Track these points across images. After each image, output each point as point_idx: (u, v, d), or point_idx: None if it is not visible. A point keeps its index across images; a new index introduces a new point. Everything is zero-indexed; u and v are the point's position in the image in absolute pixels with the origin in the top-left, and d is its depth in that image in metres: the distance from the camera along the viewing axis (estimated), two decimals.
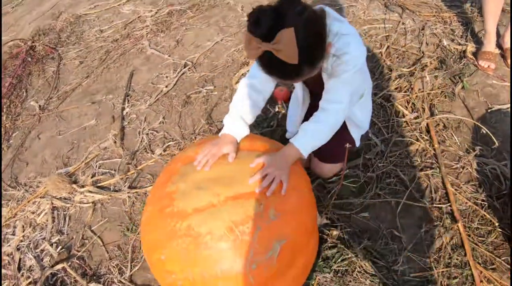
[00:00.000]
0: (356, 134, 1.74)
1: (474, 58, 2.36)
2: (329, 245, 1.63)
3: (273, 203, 1.23)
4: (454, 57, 2.38)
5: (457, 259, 1.54)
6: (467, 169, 1.82)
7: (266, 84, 1.51)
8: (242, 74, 2.51)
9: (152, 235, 1.30)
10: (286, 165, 1.33)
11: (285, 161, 1.34)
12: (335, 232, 1.66)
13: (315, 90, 1.63)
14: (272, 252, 1.18)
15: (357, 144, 1.76)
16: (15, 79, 3.08)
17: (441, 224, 1.64)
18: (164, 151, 2.19)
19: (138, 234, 1.85)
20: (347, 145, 1.55)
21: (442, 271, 1.52)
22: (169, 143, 2.24)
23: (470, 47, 2.43)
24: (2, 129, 2.76)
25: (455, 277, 1.49)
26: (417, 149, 1.95)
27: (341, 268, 1.57)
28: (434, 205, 1.71)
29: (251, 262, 1.16)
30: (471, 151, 1.87)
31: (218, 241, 1.17)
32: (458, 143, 1.94)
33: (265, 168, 1.28)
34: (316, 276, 1.57)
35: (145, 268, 1.74)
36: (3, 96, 2.95)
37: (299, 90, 1.67)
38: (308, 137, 1.39)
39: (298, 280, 1.37)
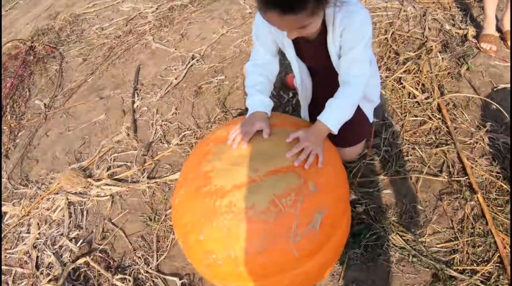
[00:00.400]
0: (368, 109, 1.71)
1: (475, 41, 2.40)
2: (357, 221, 1.66)
3: (312, 176, 1.22)
4: (456, 40, 2.42)
5: (479, 228, 1.58)
6: (480, 144, 1.85)
7: (267, 57, 1.54)
8: None
9: (188, 217, 1.26)
10: (320, 139, 1.34)
11: (319, 135, 1.35)
12: (360, 209, 1.69)
13: (316, 66, 1.59)
14: (314, 224, 1.17)
15: (371, 119, 1.74)
16: (16, 80, 3.00)
17: (461, 196, 1.68)
18: (181, 140, 2.16)
19: (161, 223, 1.82)
20: (372, 121, 1.62)
21: (467, 240, 1.56)
22: (185, 133, 2.21)
23: (471, 31, 2.48)
24: (7, 129, 2.69)
25: (479, 246, 1.53)
26: (430, 128, 1.98)
27: (370, 243, 1.59)
28: (453, 178, 1.74)
29: (295, 235, 1.14)
30: (482, 127, 1.91)
31: (261, 215, 1.14)
32: (469, 120, 1.97)
33: (301, 142, 1.28)
34: (346, 252, 1.58)
35: (172, 257, 1.71)
36: (5, 97, 2.87)
37: (296, 68, 1.59)
38: (333, 112, 1.39)
39: (336, 252, 1.37)
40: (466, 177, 1.73)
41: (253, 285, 1.25)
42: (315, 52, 1.47)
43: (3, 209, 2.19)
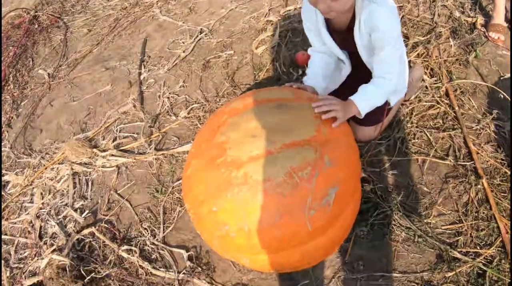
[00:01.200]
0: (394, 97, 1.69)
1: (484, 30, 2.35)
2: (364, 200, 1.63)
3: (327, 150, 1.20)
4: (465, 28, 2.36)
5: (483, 213, 1.56)
6: (486, 130, 1.82)
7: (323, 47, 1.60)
8: (262, 39, 2.41)
9: (200, 187, 1.22)
10: (348, 112, 1.38)
11: (348, 109, 1.39)
12: (368, 188, 1.66)
13: (346, 48, 1.58)
14: (328, 198, 1.15)
15: (392, 103, 1.71)
16: (19, 49, 2.88)
17: (466, 180, 1.66)
18: (188, 113, 2.09)
19: (168, 195, 1.77)
20: (389, 106, 1.65)
21: (471, 224, 1.55)
22: (193, 105, 2.14)
23: (480, 20, 2.41)
24: (10, 98, 2.59)
25: (482, 229, 1.52)
26: (438, 112, 1.93)
27: (377, 222, 1.58)
28: (459, 163, 1.72)
29: (309, 208, 1.12)
30: (488, 114, 1.87)
31: (277, 187, 1.10)
32: (476, 107, 1.93)
33: (330, 99, 1.34)
34: (353, 229, 1.57)
35: (178, 229, 1.68)
36: (8, 66, 2.75)
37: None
38: (367, 96, 1.45)
39: (347, 228, 1.35)
40: (472, 162, 1.71)
41: (265, 259, 1.22)
42: (343, 43, 1.52)
43: (6, 178, 2.12)
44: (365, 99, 1.44)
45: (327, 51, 1.60)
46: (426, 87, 2.05)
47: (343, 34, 1.46)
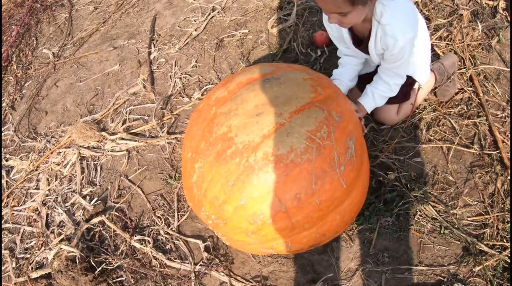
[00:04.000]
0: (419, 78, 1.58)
1: (505, 14, 2.13)
2: (389, 188, 1.49)
3: (331, 106, 1.16)
4: (487, 11, 2.15)
5: (510, 204, 1.41)
6: None
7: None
8: (278, 18, 2.17)
9: (217, 188, 1.06)
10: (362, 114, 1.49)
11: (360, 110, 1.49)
12: (392, 176, 1.51)
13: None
14: (350, 150, 1.11)
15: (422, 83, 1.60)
16: (22, 28, 2.62)
17: (493, 170, 1.51)
18: (202, 94, 1.88)
19: (182, 181, 1.57)
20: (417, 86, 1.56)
21: (497, 216, 1.41)
22: (207, 86, 1.92)
23: (501, 4, 2.19)
24: (13, 79, 2.35)
25: (508, 222, 1.38)
26: (461, 98, 1.75)
27: (402, 212, 1.44)
28: (484, 152, 1.55)
29: (339, 165, 1.07)
30: None
31: (303, 155, 1.01)
32: (500, 94, 1.75)
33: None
34: (378, 219, 1.43)
35: (194, 218, 1.50)
36: (11, 46, 2.50)
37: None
38: (373, 100, 1.50)
39: (368, 178, 1.30)
40: (498, 151, 1.54)
41: (307, 234, 1.12)
42: (365, 48, 1.49)
43: (10, 163, 1.91)
44: (370, 103, 1.51)
45: (353, 53, 1.58)
46: None
47: (365, 39, 1.44)
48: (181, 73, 2.02)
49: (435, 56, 1.86)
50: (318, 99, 1.13)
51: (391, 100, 1.55)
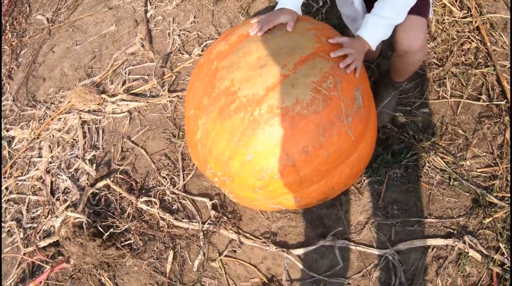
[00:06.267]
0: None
1: None
2: (397, 140, 1.41)
3: (336, 57, 1.05)
4: None
5: None
6: None
7: None
8: None
9: (222, 144, 0.99)
10: (360, 49, 1.11)
11: (362, 49, 1.12)
12: (402, 119, 1.43)
13: None
14: (357, 101, 1.03)
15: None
16: None
17: (501, 120, 1.42)
18: (202, 50, 1.76)
19: (186, 140, 1.47)
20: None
21: (506, 167, 1.33)
22: (207, 42, 1.80)
23: None
24: (8, 48, 2.20)
25: None
26: (469, 48, 1.63)
27: (411, 164, 1.37)
28: (493, 102, 1.47)
29: (346, 116, 1.00)
30: None
31: (309, 106, 0.94)
32: (507, 43, 1.62)
33: (346, 47, 1.08)
34: (386, 171, 1.36)
35: (200, 176, 1.43)
36: (4, 15, 2.33)
37: None
38: (375, 31, 1.13)
39: (375, 129, 1.21)
40: (506, 101, 1.45)
41: (316, 188, 1.06)
42: None
43: (11, 133, 1.82)
44: (372, 35, 1.13)
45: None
46: (456, 21, 1.72)
47: None
48: (180, 30, 1.89)
49: None
50: (322, 49, 1.04)
51: (414, 10, 1.17)
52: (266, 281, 1.24)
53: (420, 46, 1.21)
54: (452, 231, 1.24)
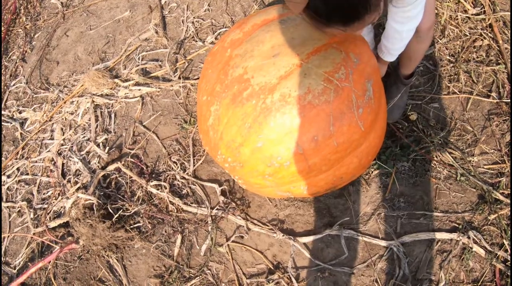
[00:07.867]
0: None
1: None
2: (406, 134, 1.40)
3: (349, 48, 1.05)
4: None
5: None
6: None
7: None
8: None
9: (233, 130, 0.98)
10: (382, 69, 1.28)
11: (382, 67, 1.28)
12: (414, 117, 1.41)
13: None
14: (368, 92, 1.02)
15: None
16: None
17: (510, 118, 1.39)
18: (216, 38, 1.73)
19: (197, 126, 1.46)
20: None
21: None
22: (220, 30, 1.77)
23: None
24: (22, 31, 2.18)
25: None
26: (481, 45, 1.60)
27: (419, 157, 1.36)
28: (502, 100, 1.44)
29: (357, 107, 0.99)
30: None
31: (320, 96, 0.93)
32: None
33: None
34: (394, 164, 1.35)
35: (210, 162, 1.42)
36: None
37: None
38: (392, 53, 1.22)
39: (385, 121, 1.20)
40: None
41: (324, 177, 1.05)
42: None
43: (23, 115, 1.81)
44: (390, 55, 1.23)
45: None
46: (469, 17, 1.68)
47: None
48: (194, 18, 1.85)
49: None
50: (335, 41, 1.04)
51: None
52: (272, 268, 1.24)
53: (430, 26, 1.23)
54: (457, 225, 1.23)
